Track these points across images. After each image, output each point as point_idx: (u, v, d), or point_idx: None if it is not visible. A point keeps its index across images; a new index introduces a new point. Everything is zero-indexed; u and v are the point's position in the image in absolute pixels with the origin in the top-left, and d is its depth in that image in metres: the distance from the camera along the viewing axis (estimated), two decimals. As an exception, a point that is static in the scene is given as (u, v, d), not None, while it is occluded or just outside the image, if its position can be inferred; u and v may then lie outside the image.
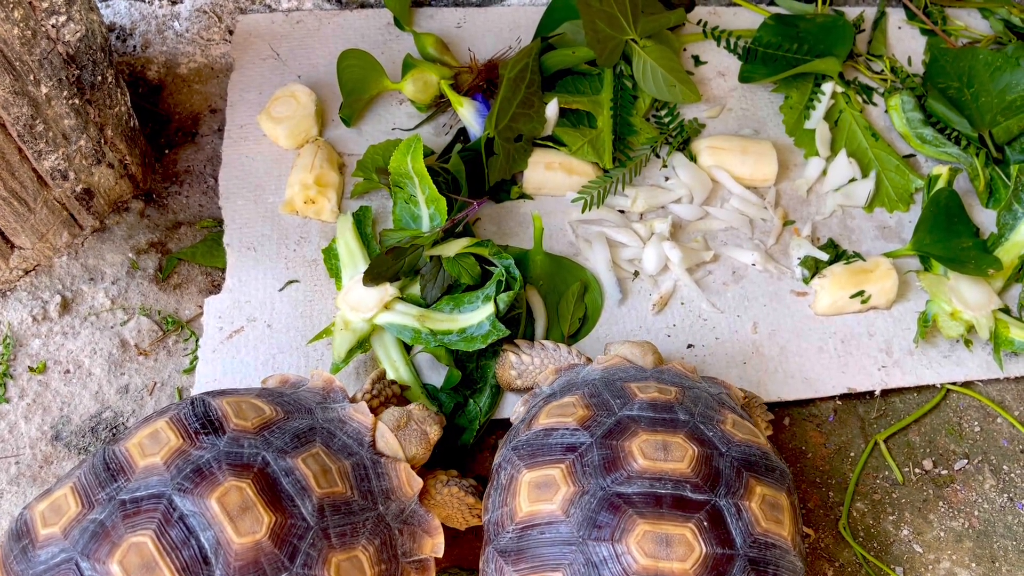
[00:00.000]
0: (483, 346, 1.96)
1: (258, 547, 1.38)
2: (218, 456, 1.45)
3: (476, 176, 2.25)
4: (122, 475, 1.45)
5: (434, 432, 1.76)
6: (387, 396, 1.88)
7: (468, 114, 2.34)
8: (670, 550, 1.45)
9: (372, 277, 2.01)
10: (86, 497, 1.43)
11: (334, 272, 2.13)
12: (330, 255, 2.15)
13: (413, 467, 1.73)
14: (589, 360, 1.93)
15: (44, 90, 1.82)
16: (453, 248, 2.07)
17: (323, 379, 1.76)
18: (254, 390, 1.69)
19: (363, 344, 2.02)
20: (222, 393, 1.62)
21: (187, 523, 1.38)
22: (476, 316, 1.99)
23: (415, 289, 2.08)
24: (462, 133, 2.37)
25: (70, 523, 1.41)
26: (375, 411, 1.78)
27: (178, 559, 1.35)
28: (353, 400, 1.77)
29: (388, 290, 2.02)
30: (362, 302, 2.02)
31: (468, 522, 1.78)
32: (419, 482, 1.63)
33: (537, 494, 1.57)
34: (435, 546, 1.62)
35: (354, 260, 2.11)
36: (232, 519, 1.38)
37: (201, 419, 1.52)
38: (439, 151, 2.34)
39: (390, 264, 2.02)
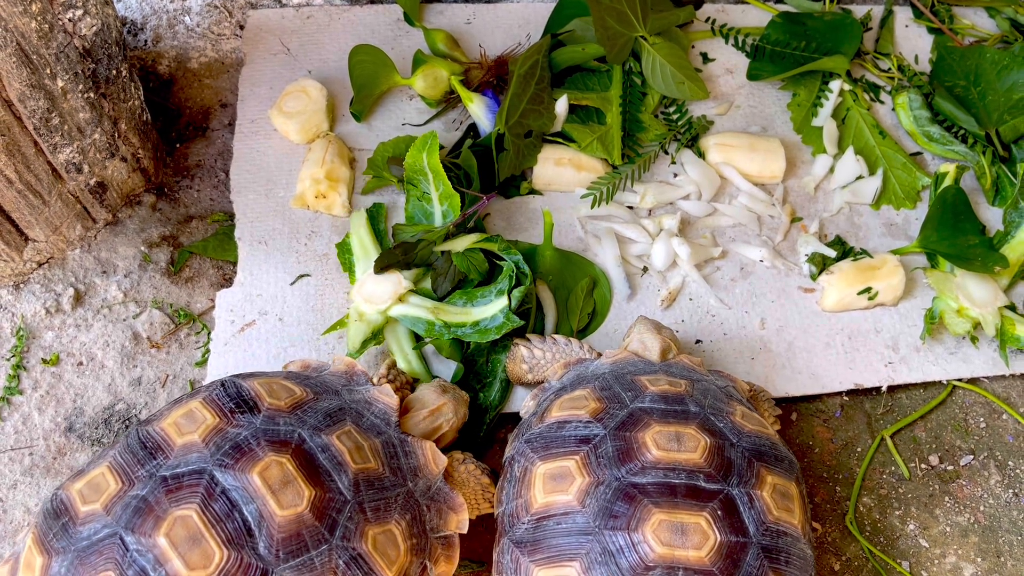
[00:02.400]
0: (496, 337, 1.98)
1: (300, 519, 1.41)
2: (255, 433, 1.48)
3: (486, 171, 2.26)
4: (160, 453, 1.47)
5: (465, 398, 1.86)
6: (402, 383, 1.92)
7: (478, 110, 2.35)
8: (686, 538, 1.48)
9: (381, 267, 2.03)
10: (125, 475, 1.45)
11: (347, 266, 2.15)
12: (343, 249, 2.16)
13: (440, 444, 1.79)
14: (599, 354, 1.95)
15: (60, 83, 1.83)
16: (463, 243, 2.09)
17: (345, 363, 1.79)
18: (280, 373, 1.72)
19: (377, 336, 2.03)
20: (251, 375, 1.64)
21: (229, 497, 1.40)
22: (490, 309, 2.01)
23: (428, 283, 2.09)
24: (472, 129, 2.38)
25: (111, 499, 1.42)
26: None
27: (223, 531, 1.37)
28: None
29: (402, 283, 2.04)
30: (376, 294, 2.03)
31: (480, 508, 1.80)
32: (444, 460, 1.67)
33: (552, 485, 1.59)
34: (460, 522, 1.65)
35: (367, 255, 2.13)
36: (274, 492, 1.41)
37: (235, 399, 1.54)
38: (449, 146, 2.36)
39: (398, 256, 2.04)
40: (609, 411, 1.67)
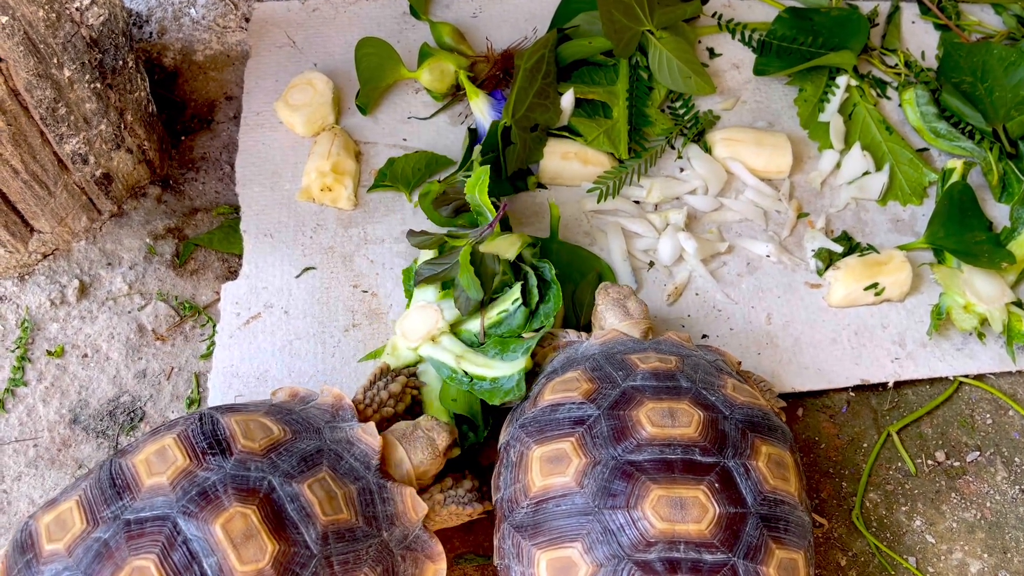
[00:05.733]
0: (499, 403, 1.89)
1: None
2: (224, 479, 1.44)
3: (494, 169, 2.23)
4: (128, 493, 1.44)
5: (442, 439, 1.73)
6: (382, 401, 1.84)
7: (483, 106, 2.34)
8: (685, 512, 1.49)
9: (419, 282, 2.00)
10: (91, 513, 1.42)
11: (408, 292, 2.11)
12: (409, 274, 2.12)
13: (421, 480, 1.72)
14: (588, 334, 1.96)
15: (67, 73, 1.82)
16: (508, 248, 2.00)
17: (333, 395, 1.73)
18: (263, 405, 1.67)
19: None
20: (231, 409, 1.60)
21: (190, 548, 1.37)
22: (512, 367, 1.91)
23: (471, 325, 2.02)
24: (472, 135, 2.35)
25: (74, 540, 1.40)
26: (369, 418, 1.76)
27: None
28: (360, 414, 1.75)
29: (439, 323, 1.97)
30: (413, 329, 1.98)
31: (462, 521, 1.80)
32: (424, 508, 1.62)
33: (549, 468, 1.59)
34: (437, 572, 1.62)
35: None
36: (236, 546, 1.37)
37: (209, 438, 1.50)
38: (454, 140, 2.35)
39: (439, 273, 2.00)
40: (601, 391, 1.67)
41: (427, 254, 2.08)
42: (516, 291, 1.99)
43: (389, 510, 1.58)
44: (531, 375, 1.92)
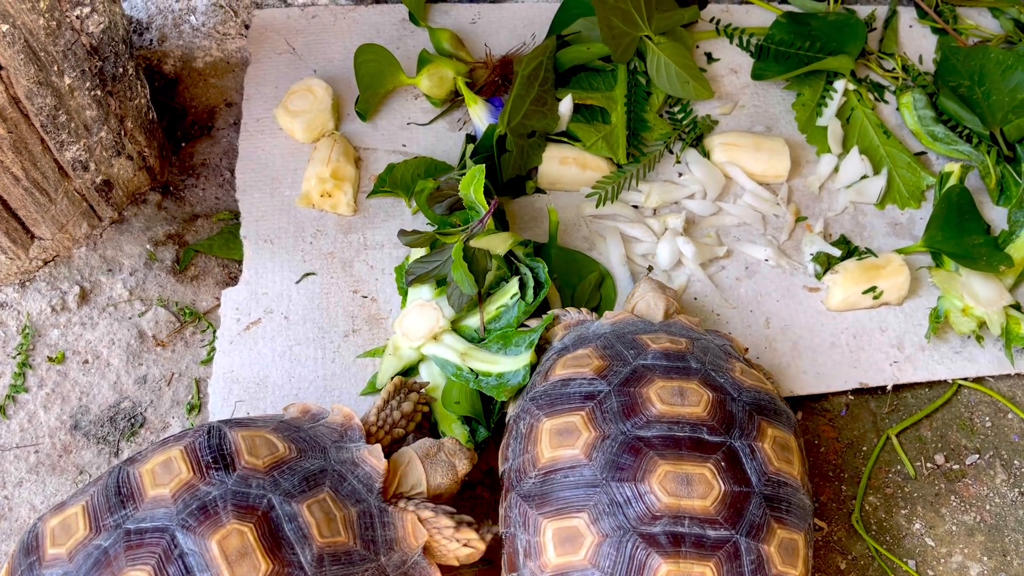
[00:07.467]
0: (506, 399, 1.90)
1: None
2: (225, 495, 1.45)
3: (490, 174, 2.25)
4: (131, 502, 1.45)
5: (463, 466, 1.74)
6: (394, 422, 1.82)
7: (481, 113, 2.35)
8: (691, 488, 1.52)
9: (411, 281, 2.02)
10: (95, 520, 1.45)
11: (403, 290, 2.12)
12: (402, 272, 2.13)
13: (440, 498, 1.72)
14: (598, 316, 1.98)
15: (67, 81, 1.83)
16: (500, 243, 2.01)
17: (343, 415, 1.73)
18: (272, 421, 1.67)
19: (410, 373, 2.01)
20: (240, 424, 1.61)
21: (186, 562, 1.38)
22: (517, 362, 1.92)
23: (471, 321, 2.03)
24: (472, 139, 2.37)
25: (76, 546, 1.42)
26: (380, 440, 1.76)
27: None
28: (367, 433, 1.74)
29: (439, 321, 1.98)
30: (414, 329, 1.99)
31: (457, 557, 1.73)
32: (424, 534, 1.61)
33: (559, 440, 1.62)
34: None
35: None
36: (230, 564, 1.39)
37: (214, 452, 1.51)
38: (452, 146, 2.36)
39: (430, 270, 2.02)
40: (612, 368, 1.71)
41: (419, 252, 2.09)
42: (514, 285, 2.01)
43: (389, 535, 1.58)
44: (539, 351, 1.94)
